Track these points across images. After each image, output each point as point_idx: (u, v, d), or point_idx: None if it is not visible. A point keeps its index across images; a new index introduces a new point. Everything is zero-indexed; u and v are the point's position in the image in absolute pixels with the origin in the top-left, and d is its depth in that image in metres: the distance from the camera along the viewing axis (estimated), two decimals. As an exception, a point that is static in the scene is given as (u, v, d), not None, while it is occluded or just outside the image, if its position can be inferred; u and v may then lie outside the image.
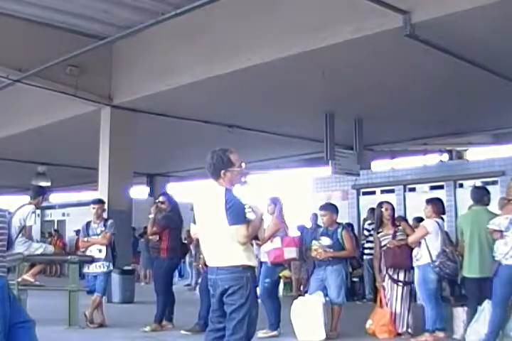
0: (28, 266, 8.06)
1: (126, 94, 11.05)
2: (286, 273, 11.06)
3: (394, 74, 9.38)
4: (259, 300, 4.79)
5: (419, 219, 9.03)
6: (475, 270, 6.43)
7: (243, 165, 4.14)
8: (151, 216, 7.77)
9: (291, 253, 7.09)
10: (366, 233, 11.17)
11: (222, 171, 4.02)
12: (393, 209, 7.54)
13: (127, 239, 11.89)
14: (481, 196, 6.74)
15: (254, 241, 4.62)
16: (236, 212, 3.91)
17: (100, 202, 8.33)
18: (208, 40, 9.34)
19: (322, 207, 7.47)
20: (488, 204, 6.71)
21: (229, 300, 3.92)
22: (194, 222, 4.30)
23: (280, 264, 7.38)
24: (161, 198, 7.93)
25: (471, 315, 6.40)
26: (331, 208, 7.41)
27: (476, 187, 7.43)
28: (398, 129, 13.53)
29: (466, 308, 6.67)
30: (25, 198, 8.39)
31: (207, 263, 4.13)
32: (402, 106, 11.36)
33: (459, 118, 12.34)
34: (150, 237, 7.96)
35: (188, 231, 9.66)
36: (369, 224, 11.04)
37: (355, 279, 11.31)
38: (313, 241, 7.32)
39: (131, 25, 9.12)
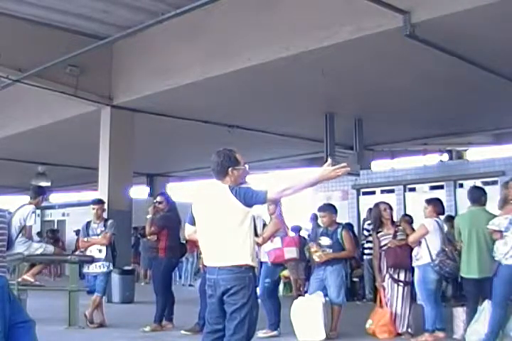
0: (28, 266, 8.06)
1: (126, 94, 11.05)
2: (285, 273, 11.11)
3: (394, 74, 9.38)
4: (259, 300, 4.78)
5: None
6: (474, 270, 6.42)
7: (247, 165, 4.18)
8: (149, 216, 7.78)
9: (291, 253, 7.10)
10: (366, 233, 11.17)
11: (230, 169, 4.04)
12: (391, 208, 7.55)
13: (127, 239, 11.90)
14: (478, 196, 6.73)
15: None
16: (250, 190, 3.94)
17: (100, 202, 8.33)
18: (207, 40, 9.34)
19: (321, 209, 7.47)
20: (484, 205, 6.72)
21: (231, 300, 3.90)
22: (190, 223, 4.27)
23: (280, 264, 7.39)
24: (158, 198, 7.94)
25: (470, 315, 6.40)
26: (329, 209, 7.41)
27: (473, 188, 7.42)
28: (398, 129, 13.53)
29: (466, 308, 6.68)
30: (25, 198, 8.38)
31: (206, 264, 4.11)
32: (402, 107, 11.36)
33: (459, 119, 12.34)
34: (148, 237, 7.96)
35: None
36: (368, 224, 11.02)
37: (355, 279, 11.32)
38: (310, 243, 7.32)
39: (131, 25, 9.11)
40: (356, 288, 11.41)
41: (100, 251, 7.86)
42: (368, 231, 11.04)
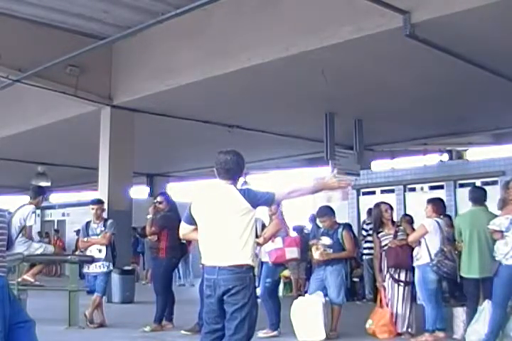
0: (28, 266, 8.06)
1: (126, 94, 11.05)
2: (286, 273, 11.11)
3: (394, 74, 9.38)
4: (259, 300, 4.78)
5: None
6: (474, 270, 6.43)
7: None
8: (150, 216, 7.78)
9: (292, 253, 7.09)
10: (364, 233, 11.18)
11: (243, 172, 4.13)
12: (392, 208, 7.55)
13: (127, 239, 11.89)
14: (479, 196, 6.73)
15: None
16: (258, 191, 4.00)
17: (99, 202, 8.32)
18: (208, 40, 9.33)
19: (319, 214, 7.42)
20: (485, 205, 6.71)
21: (231, 300, 3.90)
22: (187, 222, 4.26)
23: (281, 264, 7.39)
24: (158, 198, 7.94)
25: (470, 315, 6.40)
26: (328, 212, 7.36)
27: (474, 187, 7.42)
28: (398, 129, 13.54)
29: (466, 308, 6.68)
30: (25, 198, 8.38)
31: (205, 263, 4.09)
32: (402, 106, 11.36)
33: (459, 119, 12.34)
34: (149, 237, 7.96)
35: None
36: (367, 224, 11.05)
37: (355, 279, 11.31)
38: (315, 241, 7.31)
39: (131, 25, 9.12)
40: (356, 288, 11.40)
41: (100, 251, 7.86)
42: (366, 231, 11.05)
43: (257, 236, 5.52)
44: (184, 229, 4.32)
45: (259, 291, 6.68)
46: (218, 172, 4.10)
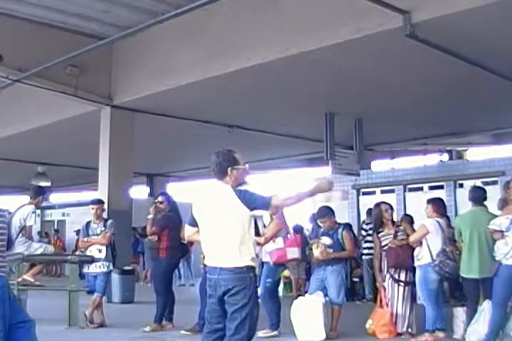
0: (28, 266, 8.06)
1: (126, 94, 11.05)
2: (286, 273, 11.11)
3: (394, 74, 9.38)
4: (259, 300, 4.78)
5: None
6: (475, 270, 6.42)
7: (247, 165, 4.20)
8: (150, 216, 7.78)
9: (294, 253, 7.08)
10: (364, 233, 11.18)
11: (229, 168, 4.07)
12: (392, 208, 7.54)
13: (127, 239, 11.90)
14: (479, 196, 6.73)
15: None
16: (255, 194, 3.99)
17: (99, 202, 8.31)
18: (208, 40, 9.34)
19: (320, 215, 7.40)
20: (485, 205, 6.71)
21: (232, 300, 3.91)
22: (190, 224, 4.28)
23: (282, 264, 7.38)
24: (159, 198, 7.94)
25: (470, 315, 6.40)
26: (328, 213, 7.34)
27: (474, 187, 7.40)
28: (398, 129, 13.54)
29: (466, 308, 6.68)
30: (25, 198, 8.38)
31: (207, 264, 4.11)
32: (402, 106, 11.36)
33: (459, 119, 12.34)
34: (149, 237, 7.96)
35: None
36: (366, 224, 11.04)
37: (355, 279, 11.31)
38: (315, 240, 7.31)
39: (131, 25, 9.11)
40: (356, 288, 11.40)
41: (100, 251, 7.85)
42: (365, 231, 11.04)
43: (258, 235, 5.53)
44: (188, 232, 4.35)
45: (260, 291, 6.68)
46: (214, 173, 4.14)
